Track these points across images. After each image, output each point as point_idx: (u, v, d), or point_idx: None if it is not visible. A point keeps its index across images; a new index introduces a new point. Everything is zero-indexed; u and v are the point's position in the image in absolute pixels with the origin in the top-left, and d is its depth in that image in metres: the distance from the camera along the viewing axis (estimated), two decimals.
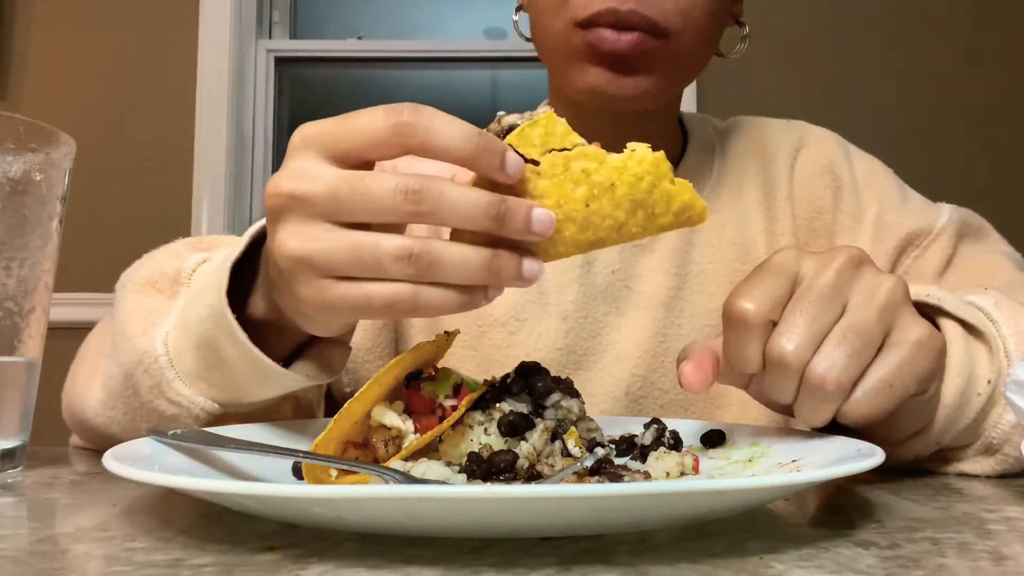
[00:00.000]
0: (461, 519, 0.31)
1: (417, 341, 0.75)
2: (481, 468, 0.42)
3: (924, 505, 0.43)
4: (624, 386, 0.73)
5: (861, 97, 2.19)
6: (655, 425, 0.51)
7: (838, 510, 0.43)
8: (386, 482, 0.39)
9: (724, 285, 0.75)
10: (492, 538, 0.34)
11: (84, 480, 0.51)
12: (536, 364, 0.48)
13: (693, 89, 2.10)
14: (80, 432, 0.64)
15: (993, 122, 2.19)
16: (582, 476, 0.42)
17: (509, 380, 0.47)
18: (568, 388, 0.48)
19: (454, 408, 0.44)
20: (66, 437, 0.68)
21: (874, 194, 0.77)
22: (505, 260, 0.41)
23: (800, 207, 0.78)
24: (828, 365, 0.42)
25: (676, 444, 0.50)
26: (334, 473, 0.43)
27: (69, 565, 0.32)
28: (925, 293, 0.52)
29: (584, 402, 0.49)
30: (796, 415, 0.45)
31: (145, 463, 0.39)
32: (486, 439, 0.43)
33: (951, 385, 0.50)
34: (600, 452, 0.44)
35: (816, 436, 0.47)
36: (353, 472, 0.42)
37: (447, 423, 0.43)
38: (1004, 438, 0.52)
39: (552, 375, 0.48)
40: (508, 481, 0.41)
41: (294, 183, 0.41)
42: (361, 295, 0.41)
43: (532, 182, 0.41)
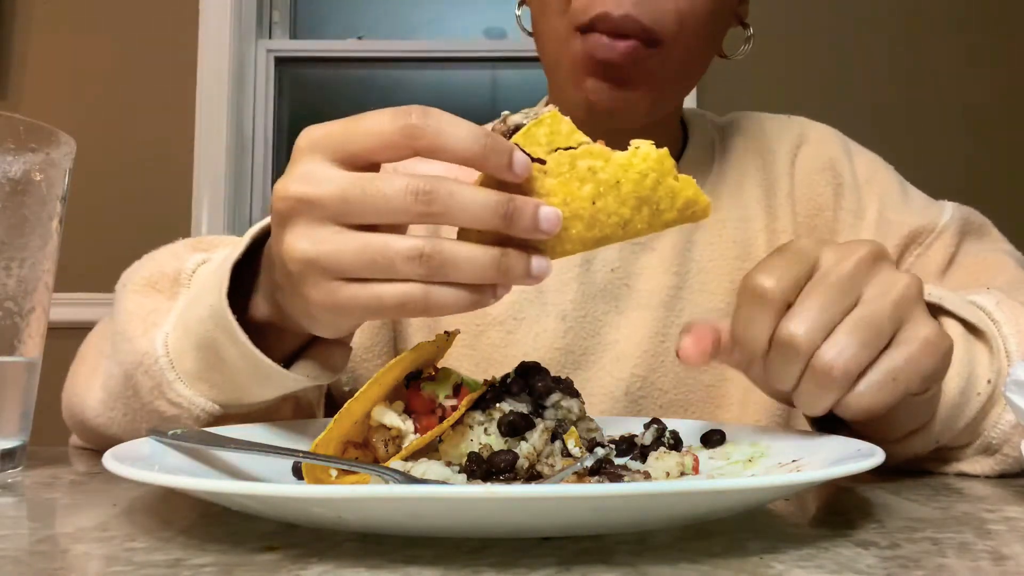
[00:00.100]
0: (461, 519, 0.31)
1: (415, 340, 0.75)
2: (481, 468, 0.42)
3: (924, 505, 0.43)
4: (624, 386, 0.73)
5: (861, 97, 2.19)
6: (655, 425, 0.51)
7: (838, 510, 0.43)
8: (386, 482, 0.39)
9: (725, 284, 0.75)
10: (492, 538, 0.34)
11: (84, 480, 0.51)
12: (536, 364, 0.48)
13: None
14: (80, 432, 0.64)
15: (993, 122, 2.19)
16: (582, 476, 0.42)
17: (509, 380, 0.47)
18: (568, 388, 0.48)
19: (454, 408, 0.44)
20: (66, 437, 0.68)
21: (875, 191, 0.77)
22: (514, 258, 0.41)
23: (801, 204, 0.78)
24: (837, 352, 0.42)
25: (676, 444, 0.50)
26: (334, 473, 0.43)
27: (69, 565, 0.32)
28: (926, 292, 0.52)
29: (584, 402, 0.49)
30: (795, 402, 0.44)
31: (145, 463, 0.39)
32: (486, 439, 0.43)
33: (951, 384, 0.50)
34: (600, 452, 0.44)
35: (816, 436, 0.47)
36: (353, 472, 0.42)
37: (447, 423, 0.43)
38: (1004, 438, 0.52)
39: (552, 375, 0.48)
40: (508, 481, 0.41)
41: (303, 186, 0.41)
42: (372, 296, 0.41)
43: (539, 181, 0.41)
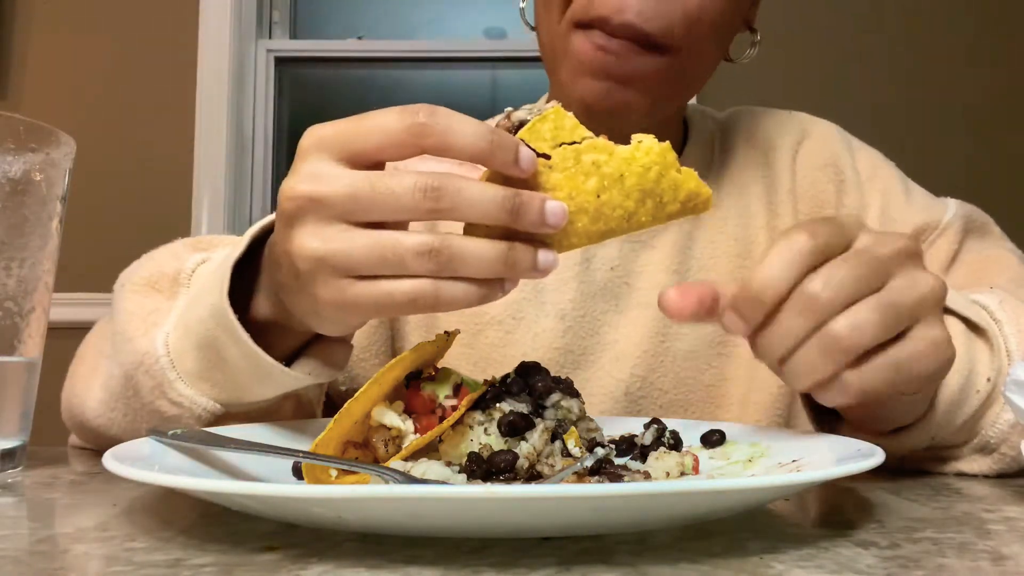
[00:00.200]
0: (461, 519, 0.31)
1: (413, 340, 0.75)
2: (481, 468, 0.42)
3: (924, 505, 0.43)
4: (623, 386, 0.72)
5: (861, 97, 2.19)
6: (655, 425, 0.51)
7: (838, 510, 0.43)
8: (386, 482, 0.39)
9: (726, 281, 0.74)
10: (492, 538, 0.34)
11: (84, 480, 0.51)
12: (536, 364, 0.49)
13: None
14: (80, 433, 0.64)
15: (993, 122, 2.19)
16: (582, 476, 0.42)
17: (509, 380, 0.47)
18: (568, 388, 0.48)
19: (454, 408, 0.44)
20: (66, 437, 0.68)
21: (877, 188, 0.77)
22: (521, 252, 0.41)
23: (803, 201, 0.77)
24: (853, 324, 0.41)
25: (676, 444, 0.50)
26: (334, 473, 0.43)
27: (69, 565, 0.32)
28: None
29: (584, 402, 0.49)
30: (788, 370, 0.43)
31: (145, 463, 0.39)
32: (486, 439, 0.43)
33: (951, 381, 0.50)
34: (600, 452, 0.44)
35: (816, 436, 0.47)
36: (353, 472, 0.42)
37: (447, 423, 0.43)
38: (1002, 437, 0.52)
39: (552, 375, 0.48)
40: (508, 481, 0.41)
41: (311, 185, 0.41)
42: (383, 293, 0.42)
43: (544, 176, 0.42)
